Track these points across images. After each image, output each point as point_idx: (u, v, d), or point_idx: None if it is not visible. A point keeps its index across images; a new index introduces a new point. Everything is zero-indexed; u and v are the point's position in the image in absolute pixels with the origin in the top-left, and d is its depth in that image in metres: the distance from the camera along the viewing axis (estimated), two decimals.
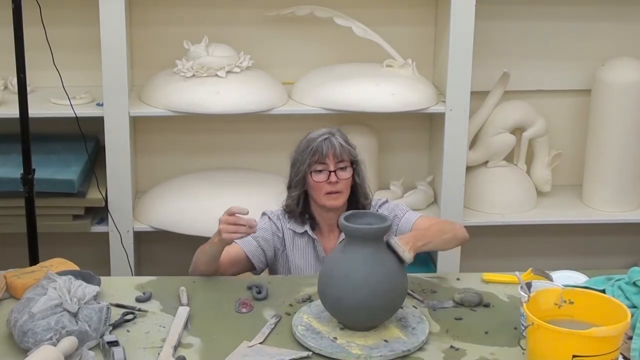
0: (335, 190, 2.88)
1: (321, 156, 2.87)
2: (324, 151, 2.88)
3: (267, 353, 2.37)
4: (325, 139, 2.89)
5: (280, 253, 2.97)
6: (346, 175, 2.89)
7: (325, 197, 2.89)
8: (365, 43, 3.86)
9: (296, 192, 2.94)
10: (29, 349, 2.31)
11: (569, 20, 4.07)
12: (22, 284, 2.64)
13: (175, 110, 3.67)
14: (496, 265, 3.61)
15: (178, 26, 3.90)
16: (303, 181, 2.92)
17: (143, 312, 2.59)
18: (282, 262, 2.98)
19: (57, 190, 3.61)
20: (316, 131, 2.95)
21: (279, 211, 3.01)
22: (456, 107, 3.76)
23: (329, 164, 2.88)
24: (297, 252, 2.97)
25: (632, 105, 3.92)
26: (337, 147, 2.88)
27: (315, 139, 2.90)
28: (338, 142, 2.89)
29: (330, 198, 2.89)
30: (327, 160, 2.88)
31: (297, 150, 2.95)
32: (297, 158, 2.93)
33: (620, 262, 4.25)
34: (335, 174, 2.88)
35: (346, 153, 2.90)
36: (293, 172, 2.95)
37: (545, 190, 4.13)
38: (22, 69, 3.16)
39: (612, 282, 2.61)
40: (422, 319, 2.54)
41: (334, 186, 2.88)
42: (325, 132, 2.92)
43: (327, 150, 2.87)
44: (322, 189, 2.89)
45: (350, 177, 2.91)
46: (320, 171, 2.88)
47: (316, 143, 2.89)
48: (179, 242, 3.96)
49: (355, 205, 2.92)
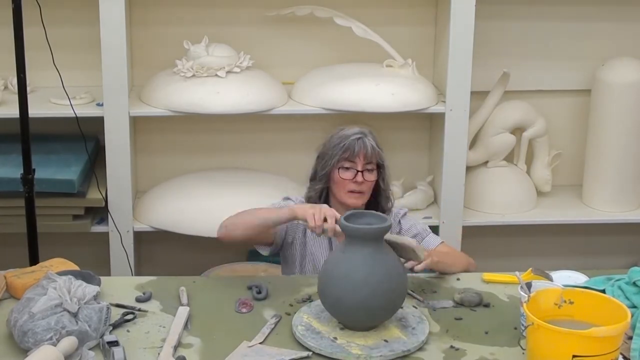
0: (359, 190, 2.91)
1: (352, 154, 2.89)
2: (355, 150, 2.89)
3: (267, 353, 2.37)
4: (359, 139, 2.91)
5: (299, 241, 2.98)
6: (372, 177, 2.92)
7: (347, 195, 2.91)
8: (365, 43, 3.86)
9: (320, 185, 2.96)
10: (29, 349, 2.31)
11: (569, 20, 4.07)
12: (22, 284, 2.64)
13: (175, 110, 3.67)
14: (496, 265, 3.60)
15: (178, 26, 3.90)
16: (328, 175, 2.94)
17: (143, 312, 2.59)
18: (300, 250, 2.98)
19: (57, 190, 3.60)
20: (349, 129, 2.96)
21: (301, 198, 3.02)
22: (456, 107, 3.76)
23: (358, 164, 2.90)
24: (315, 243, 2.98)
25: (632, 105, 3.92)
26: (369, 148, 2.90)
27: (349, 136, 2.92)
28: (370, 143, 2.91)
29: (352, 197, 2.91)
30: (356, 160, 2.90)
31: (328, 144, 2.96)
32: (325, 152, 2.95)
33: (620, 262, 4.25)
34: (362, 174, 2.90)
35: (376, 155, 2.92)
36: (320, 165, 2.96)
37: (545, 190, 4.13)
38: (22, 69, 3.16)
39: (612, 282, 2.61)
40: (422, 319, 2.54)
41: (359, 186, 2.90)
42: (358, 132, 2.94)
43: (358, 150, 2.89)
44: (346, 186, 2.90)
45: (375, 180, 2.93)
46: (348, 169, 2.90)
47: (349, 141, 2.90)
48: (179, 242, 3.96)
49: (376, 209, 2.91)
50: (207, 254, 4.02)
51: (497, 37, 4.03)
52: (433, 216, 3.90)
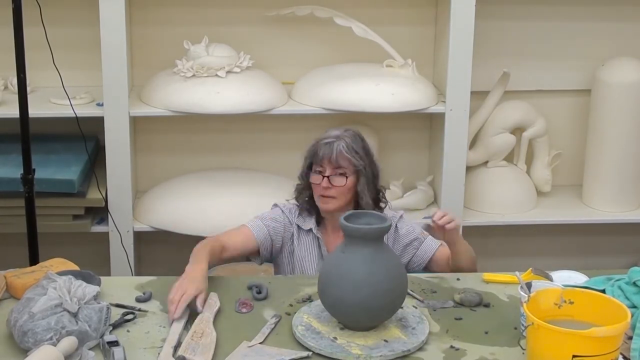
0: (328, 195, 2.88)
1: (318, 159, 2.88)
2: (320, 154, 2.88)
3: (267, 353, 2.37)
4: (327, 143, 2.88)
5: (288, 247, 2.98)
6: (341, 182, 2.87)
7: (318, 199, 2.91)
8: (365, 43, 3.86)
9: (301, 184, 2.98)
10: (29, 349, 2.31)
11: (569, 20, 4.07)
12: (22, 284, 2.64)
13: (175, 110, 3.67)
14: (496, 265, 3.60)
15: (178, 26, 3.91)
16: (307, 177, 2.94)
17: (143, 312, 2.59)
18: (288, 256, 2.99)
19: (57, 190, 3.61)
20: (330, 131, 2.94)
21: (290, 205, 3.02)
22: (456, 107, 3.76)
23: (325, 169, 2.88)
24: (303, 248, 2.98)
25: (632, 105, 3.92)
26: (335, 153, 2.85)
27: (321, 139, 2.90)
28: (340, 148, 2.85)
29: (322, 201, 2.90)
30: (323, 164, 2.88)
31: (309, 145, 2.95)
32: (306, 153, 2.95)
33: (620, 262, 4.25)
34: (328, 180, 2.87)
35: (345, 160, 2.86)
36: (302, 165, 2.97)
37: (545, 190, 4.13)
38: (22, 69, 3.16)
39: (612, 282, 2.61)
40: (422, 319, 2.54)
41: (327, 191, 2.88)
42: (332, 136, 2.90)
43: (323, 154, 2.87)
44: (317, 192, 2.90)
45: (347, 185, 2.87)
46: (319, 172, 2.89)
47: (319, 145, 2.89)
48: (179, 242, 3.95)
49: None
50: None
51: (497, 37, 4.03)
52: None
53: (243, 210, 3.73)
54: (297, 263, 2.97)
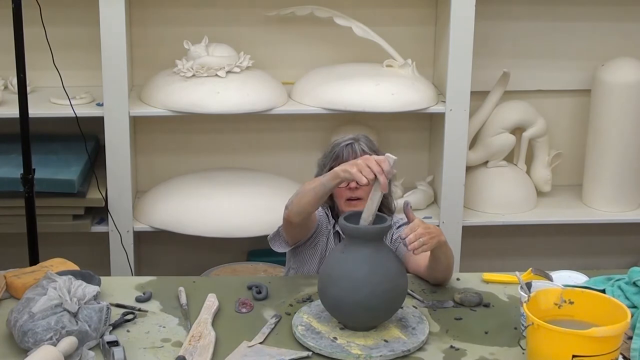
0: (355, 196, 2.84)
1: (340, 161, 2.82)
2: (344, 156, 2.85)
3: (267, 353, 2.37)
4: (348, 145, 2.86)
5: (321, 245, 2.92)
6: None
7: (346, 204, 2.85)
8: (365, 43, 3.86)
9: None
10: (29, 349, 2.31)
11: (569, 20, 4.07)
12: (22, 284, 2.64)
13: (175, 110, 3.67)
14: (496, 265, 3.62)
15: (178, 26, 3.91)
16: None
17: (143, 312, 2.59)
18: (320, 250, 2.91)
19: (57, 190, 3.61)
20: (344, 135, 2.92)
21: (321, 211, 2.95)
22: (456, 107, 3.76)
23: None
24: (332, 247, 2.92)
25: (632, 105, 3.92)
26: (358, 152, 2.84)
27: (339, 144, 2.88)
28: (360, 148, 2.85)
29: (350, 205, 2.84)
30: None
31: (323, 154, 2.93)
32: (321, 162, 2.92)
33: (620, 262, 4.26)
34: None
35: None
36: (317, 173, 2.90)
37: (545, 190, 4.13)
38: (22, 69, 3.16)
39: (612, 282, 2.61)
40: (422, 319, 2.54)
41: (354, 192, 2.84)
42: (350, 138, 2.89)
43: (347, 155, 2.84)
44: (343, 195, 2.85)
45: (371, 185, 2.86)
46: None
47: (338, 148, 2.87)
48: (179, 242, 3.96)
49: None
50: (207, 254, 4.02)
51: (497, 37, 4.03)
52: (433, 216, 3.90)
53: (243, 211, 3.74)
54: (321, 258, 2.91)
